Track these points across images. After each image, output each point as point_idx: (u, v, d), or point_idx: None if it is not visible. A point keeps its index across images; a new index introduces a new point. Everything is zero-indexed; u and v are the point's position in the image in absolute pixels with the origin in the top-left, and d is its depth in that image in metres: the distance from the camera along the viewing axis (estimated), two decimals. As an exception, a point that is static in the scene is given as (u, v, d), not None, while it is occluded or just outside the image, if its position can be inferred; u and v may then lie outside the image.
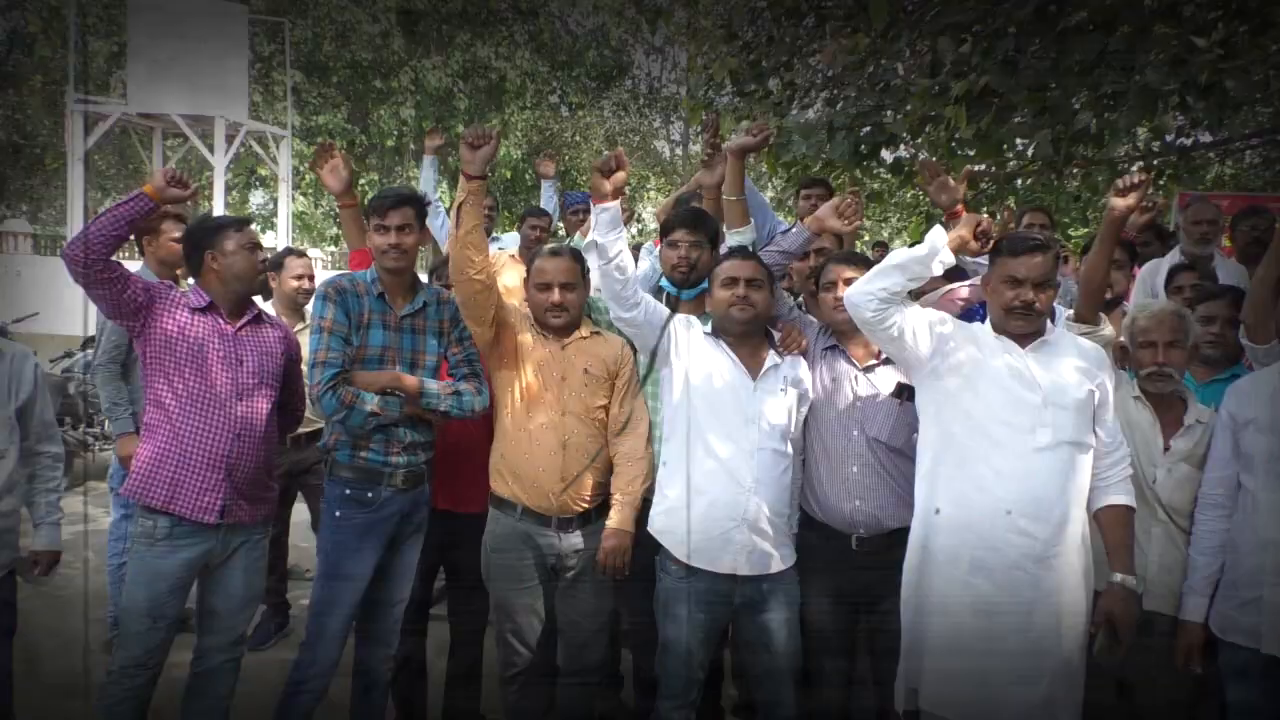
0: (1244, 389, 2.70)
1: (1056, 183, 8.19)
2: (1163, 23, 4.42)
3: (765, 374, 2.87)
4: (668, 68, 22.22)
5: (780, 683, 2.83)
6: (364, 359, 2.93)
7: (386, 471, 2.96)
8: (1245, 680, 2.57)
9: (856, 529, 2.79)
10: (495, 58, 18.79)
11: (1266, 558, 2.50)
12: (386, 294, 2.99)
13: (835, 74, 5.83)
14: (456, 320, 3.10)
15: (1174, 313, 2.89)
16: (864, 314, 2.61)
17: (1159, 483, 2.79)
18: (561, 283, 3.03)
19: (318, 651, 2.95)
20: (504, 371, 3.06)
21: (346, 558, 2.95)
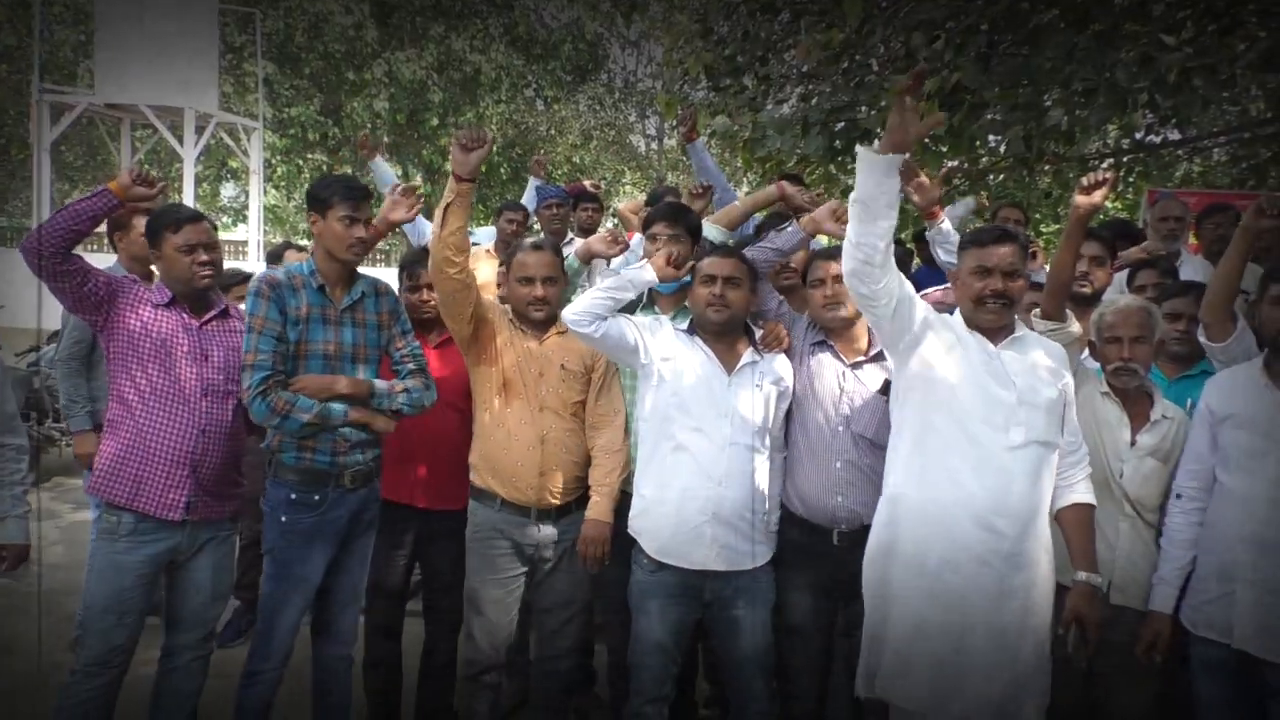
0: (1223, 384, 2.71)
1: (1028, 179, 8.25)
2: (1132, 21, 4.48)
3: (741, 369, 2.87)
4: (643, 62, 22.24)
5: (750, 679, 2.84)
6: (308, 355, 2.85)
7: (334, 473, 2.89)
8: (1216, 675, 2.59)
9: (838, 524, 2.80)
10: (470, 50, 18.65)
11: (1240, 553, 2.52)
12: (327, 286, 2.91)
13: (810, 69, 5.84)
14: (397, 313, 3.06)
15: (1140, 308, 2.91)
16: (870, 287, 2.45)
17: (1126, 477, 2.82)
18: (544, 276, 3.03)
19: (270, 647, 2.90)
20: (482, 368, 3.06)
21: (295, 562, 2.89)
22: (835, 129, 5.52)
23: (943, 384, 2.55)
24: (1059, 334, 2.80)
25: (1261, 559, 2.48)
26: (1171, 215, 4.60)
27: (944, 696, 2.48)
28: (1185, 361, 3.19)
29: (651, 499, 2.86)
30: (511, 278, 3.09)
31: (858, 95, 5.46)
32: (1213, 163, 11.91)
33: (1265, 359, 2.63)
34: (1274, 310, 2.56)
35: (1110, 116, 4.84)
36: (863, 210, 2.38)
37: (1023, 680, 2.48)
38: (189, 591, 2.90)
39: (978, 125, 5.18)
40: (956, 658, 2.46)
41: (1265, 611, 2.46)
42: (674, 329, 2.96)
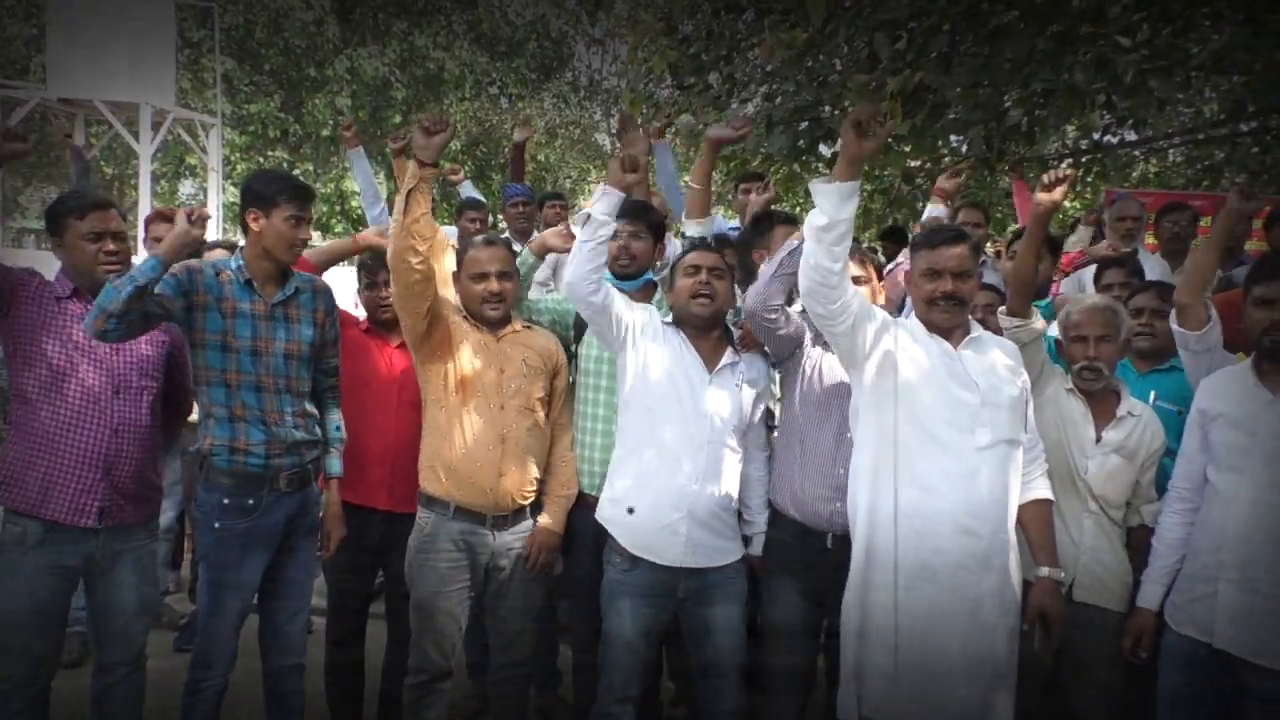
0: (1214, 384, 2.71)
1: (990, 178, 8.34)
2: (1089, 23, 4.52)
3: (721, 369, 2.86)
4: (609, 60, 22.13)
5: (722, 677, 2.83)
6: (237, 350, 2.75)
7: (269, 475, 2.79)
8: (1187, 672, 2.59)
9: (835, 528, 2.75)
10: (433, 47, 18.52)
11: (1225, 552, 2.52)
12: (255, 281, 2.81)
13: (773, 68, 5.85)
14: (333, 314, 2.99)
15: (1106, 308, 2.93)
16: (828, 306, 2.48)
17: (1090, 474, 2.84)
18: (498, 272, 2.97)
19: (210, 656, 2.82)
20: (436, 365, 2.97)
21: (230, 568, 2.78)
22: (799, 128, 5.54)
23: (905, 391, 2.55)
24: (1023, 330, 2.83)
25: (1246, 558, 2.47)
26: (1129, 215, 4.68)
27: (929, 706, 2.48)
28: (1156, 356, 3.22)
29: (626, 493, 2.83)
30: (464, 275, 3.02)
31: (821, 94, 5.48)
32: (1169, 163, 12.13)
33: (1253, 359, 2.63)
34: (1258, 311, 2.56)
35: (1068, 117, 4.91)
36: (820, 234, 2.40)
37: (996, 680, 2.51)
38: (113, 609, 2.78)
39: (939, 125, 5.22)
40: (938, 665, 2.46)
41: (1248, 612, 2.45)
42: (662, 320, 2.92)
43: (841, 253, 2.43)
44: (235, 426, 2.76)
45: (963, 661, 2.46)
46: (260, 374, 2.78)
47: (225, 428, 2.76)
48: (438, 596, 2.94)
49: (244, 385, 2.76)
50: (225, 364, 2.75)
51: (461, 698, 3.68)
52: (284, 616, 2.95)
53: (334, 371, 3.05)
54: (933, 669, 2.46)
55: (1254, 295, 2.58)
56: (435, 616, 2.95)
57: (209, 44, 17.30)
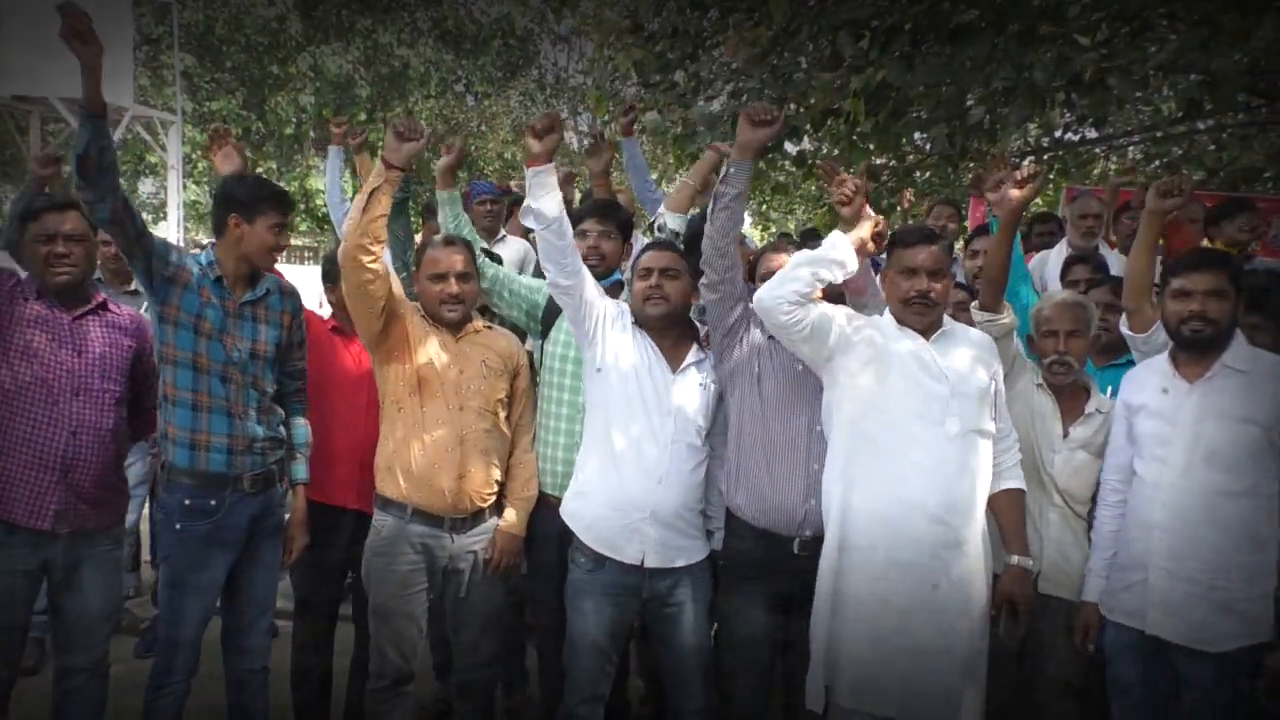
0: (1136, 376, 2.79)
1: (953, 176, 8.42)
2: (1049, 23, 4.57)
3: (686, 367, 2.86)
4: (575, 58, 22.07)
5: (689, 674, 2.82)
6: (209, 335, 2.73)
7: (231, 476, 2.76)
8: (1129, 658, 2.67)
9: (803, 531, 2.69)
10: (398, 45, 18.35)
11: (1152, 541, 2.59)
12: (225, 280, 2.80)
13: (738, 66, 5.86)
14: (299, 317, 2.97)
15: (1076, 303, 2.99)
16: (778, 318, 2.58)
17: (1056, 469, 2.88)
18: (457, 273, 2.94)
19: (173, 660, 2.78)
20: (394, 365, 2.93)
21: (191, 570, 2.75)
22: (764, 126, 5.54)
23: (871, 390, 2.58)
24: (994, 325, 2.86)
25: (1172, 546, 2.55)
26: (1090, 213, 4.75)
27: (899, 694, 2.51)
28: (1111, 351, 3.28)
29: (590, 492, 2.82)
30: (422, 275, 2.98)
31: (786, 92, 5.49)
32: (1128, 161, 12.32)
33: (1170, 350, 2.71)
34: (1175, 304, 2.63)
35: (1029, 115, 4.96)
36: (808, 273, 2.56)
37: (965, 668, 2.54)
38: (75, 615, 2.75)
39: (903, 123, 5.26)
40: (908, 653, 2.50)
41: (1174, 597, 2.53)
42: (626, 324, 2.90)
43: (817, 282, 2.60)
44: (198, 415, 2.72)
45: (934, 648, 2.50)
46: (229, 365, 2.76)
47: (188, 415, 2.72)
48: (396, 600, 2.90)
49: (213, 372, 2.73)
50: (196, 346, 2.72)
51: (429, 699, 3.66)
52: (247, 619, 2.92)
53: (299, 375, 3.02)
54: (905, 655, 2.50)
55: (1172, 288, 2.65)
56: (395, 620, 2.92)
57: (168, 40, 17.04)
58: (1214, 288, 2.57)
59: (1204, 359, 2.60)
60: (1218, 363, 2.58)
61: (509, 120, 20.70)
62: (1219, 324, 2.56)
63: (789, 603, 2.74)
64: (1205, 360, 2.60)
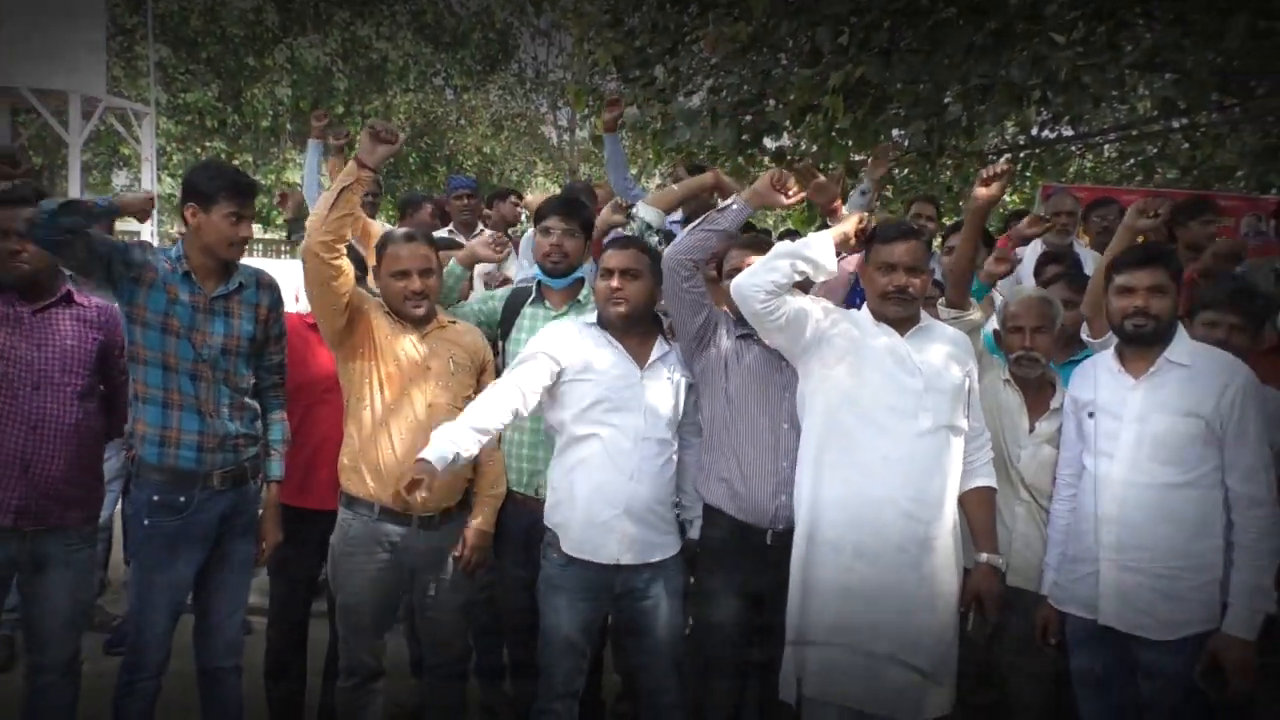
0: (1084, 372, 2.83)
1: (931, 173, 8.46)
2: (1026, 21, 4.60)
3: (653, 363, 2.84)
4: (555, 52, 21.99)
5: (662, 669, 2.82)
6: (177, 334, 2.67)
7: (201, 472, 2.71)
8: (1086, 648, 2.71)
9: (776, 524, 2.72)
10: (376, 37, 18.23)
11: (1102, 533, 2.63)
12: (195, 274, 2.72)
13: (718, 62, 5.86)
14: (278, 309, 2.91)
15: (1042, 299, 3.02)
16: (754, 306, 2.60)
17: (1023, 464, 2.91)
18: (420, 269, 2.89)
19: (142, 658, 2.74)
20: (358, 363, 2.88)
21: (160, 568, 2.70)
22: (743, 121, 5.56)
23: (846, 382, 2.60)
24: (961, 321, 2.88)
25: (1121, 538, 2.60)
26: (1064, 210, 4.79)
27: (868, 687, 2.52)
28: (1071, 346, 3.32)
29: (564, 494, 2.81)
30: (384, 271, 2.92)
31: (765, 88, 5.50)
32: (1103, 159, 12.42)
33: (1116, 346, 2.75)
34: (1119, 300, 2.67)
35: (1006, 113, 5.00)
36: (787, 265, 2.58)
37: (934, 662, 2.55)
38: (45, 613, 2.71)
39: (881, 120, 5.28)
40: (879, 648, 2.51)
41: (1125, 588, 2.58)
42: (579, 329, 2.88)
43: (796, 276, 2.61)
44: (168, 413, 2.67)
45: (902, 642, 2.51)
46: (198, 362, 2.70)
47: (158, 412, 2.67)
48: (365, 599, 2.88)
49: (182, 370, 2.68)
50: (165, 345, 2.66)
51: (405, 695, 3.65)
52: (219, 617, 2.88)
53: (277, 369, 2.96)
54: (872, 649, 2.51)
55: (1116, 284, 2.69)
56: (363, 619, 2.90)
57: (142, 31, 16.83)
58: (1156, 284, 2.61)
59: (1148, 354, 2.65)
60: (1161, 358, 2.63)
61: (488, 114, 20.62)
62: (1161, 319, 2.62)
63: (764, 594, 2.76)
64: (1149, 355, 2.64)
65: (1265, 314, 3.03)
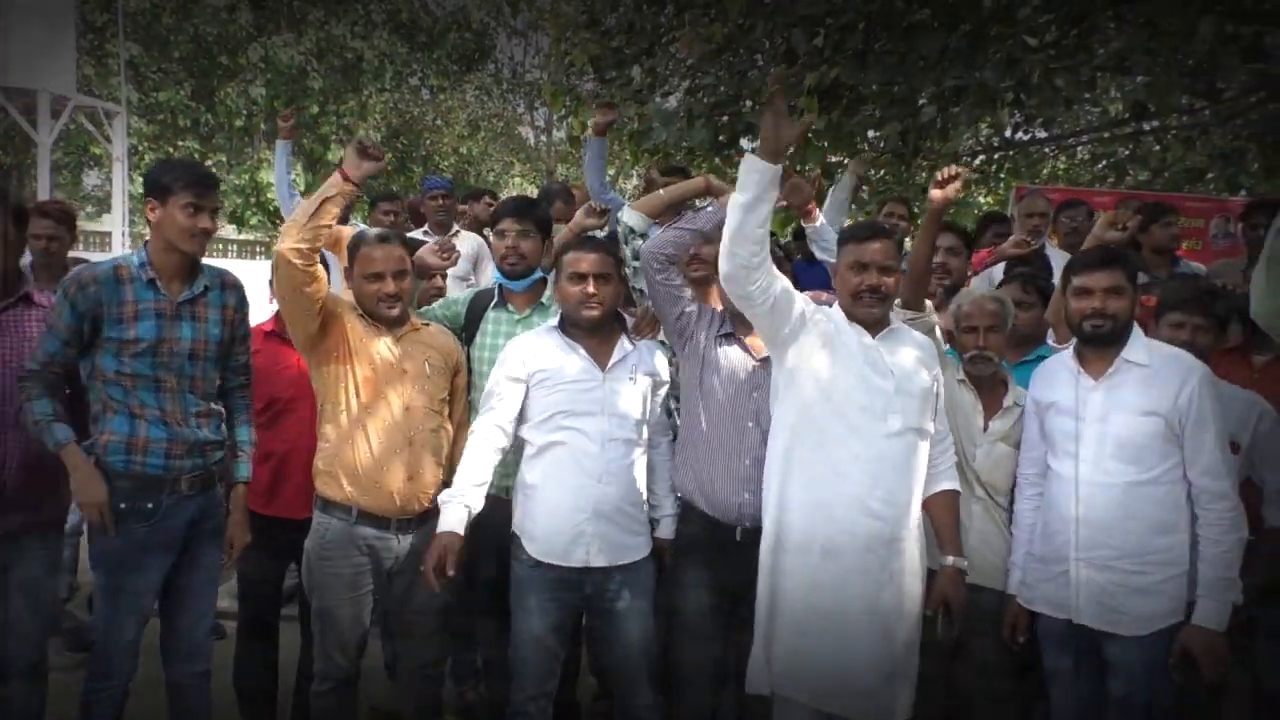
0: (1044, 373, 2.87)
1: (906, 174, 8.51)
2: (999, 24, 4.63)
3: (615, 365, 2.84)
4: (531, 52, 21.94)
5: (634, 672, 2.82)
6: (135, 353, 2.63)
7: (169, 478, 2.68)
8: (1057, 647, 2.74)
9: (743, 521, 2.76)
10: (351, 37, 18.10)
11: (1069, 533, 2.67)
12: (160, 279, 2.69)
13: (694, 63, 5.86)
14: (244, 311, 2.88)
15: (994, 299, 3.05)
16: (745, 288, 2.50)
17: (978, 461, 2.95)
18: (393, 271, 2.87)
19: (108, 665, 2.70)
20: (333, 366, 2.86)
21: (127, 575, 2.67)
22: (720, 122, 5.56)
23: (822, 375, 2.59)
24: (918, 323, 2.89)
25: (1087, 538, 2.63)
26: (1036, 211, 4.85)
27: (834, 686, 2.53)
28: (1021, 346, 3.36)
29: (531, 500, 2.81)
30: (357, 274, 2.91)
31: (741, 89, 5.50)
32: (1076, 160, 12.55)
33: (1075, 347, 2.79)
34: (1076, 301, 2.71)
35: (980, 115, 5.03)
36: (743, 214, 2.41)
37: (899, 664, 2.56)
38: (7, 620, 2.67)
39: (856, 121, 5.30)
40: (843, 647, 2.52)
41: (1095, 586, 2.62)
42: (537, 335, 2.88)
43: (762, 235, 2.45)
44: (135, 423, 2.65)
45: (867, 641, 2.53)
46: (159, 374, 2.67)
47: (124, 422, 2.64)
48: (341, 603, 2.86)
49: (141, 387, 2.65)
50: (120, 367, 2.63)
51: (380, 697, 3.62)
52: (187, 623, 2.84)
53: (243, 369, 2.93)
54: (838, 647, 2.52)
55: (1073, 286, 2.73)
56: (339, 623, 2.87)
57: (113, 29, 16.63)
58: (1112, 285, 2.66)
59: (1106, 355, 2.69)
60: (1119, 358, 2.67)
61: (465, 114, 20.54)
62: (1118, 319, 2.66)
63: (737, 591, 2.76)
64: (1107, 356, 2.69)
65: (1228, 315, 3.08)
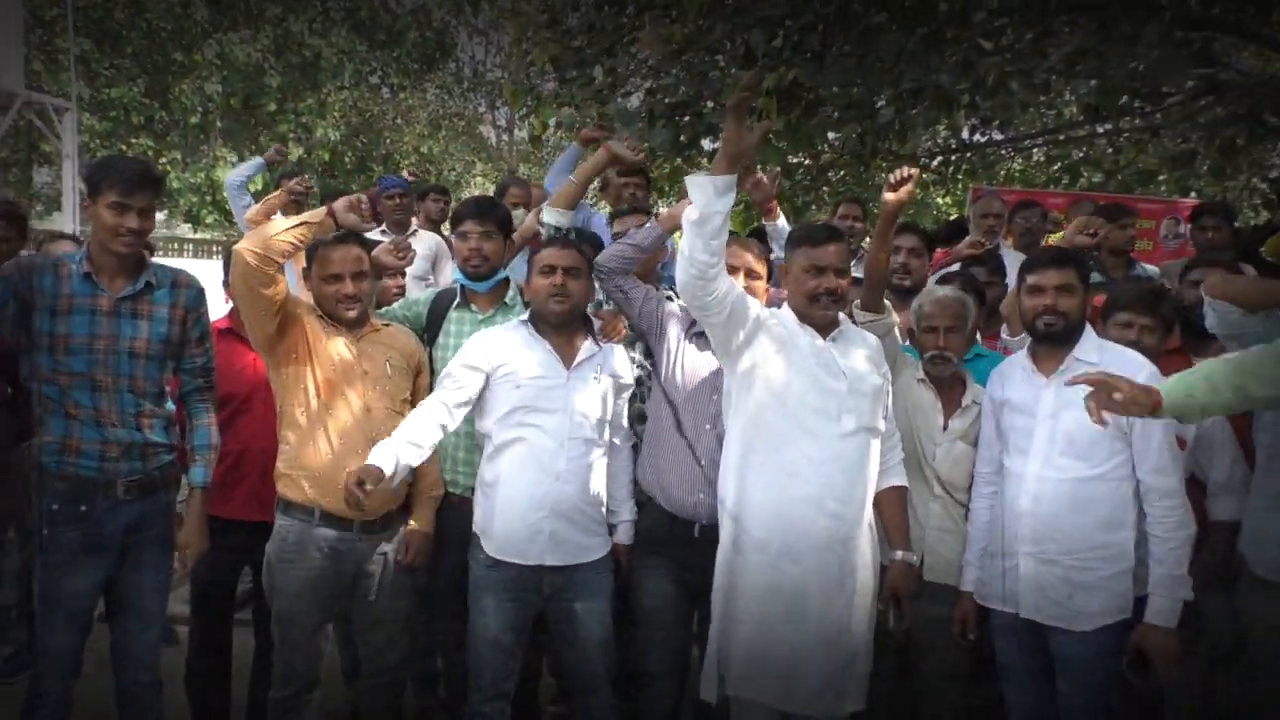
0: (1001, 372, 2.92)
1: (865, 175, 8.58)
2: (955, 27, 4.68)
3: (580, 364, 2.85)
4: (493, 51, 21.84)
5: (593, 672, 2.83)
6: (69, 349, 2.58)
7: (103, 481, 2.62)
8: (1008, 642, 2.79)
9: (700, 519, 2.81)
10: (309, 34, 17.87)
11: (1019, 528, 2.72)
12: (96, 274, 2.62)
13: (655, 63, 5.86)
14: (198, 310, 2.82)
15: (956, 299, 3.08)
16: (702, 299, 2.51)
17: (937, 460, 2.98)
18: (352, 272, 2.85)
19: (47, 672, 2.64)
20: (293, 368, 2.83)
21: (64, 580, 2.61)
22: (681, 122, 5.57)
23: (776, 379, 2.61)
24: (878, 324, 2.92)
25: (1036, 532, 2.68)
26: (991, 212, 4.92)
27: (792, 685, 2.55)
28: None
29: (490, 497, 2.81)
30: (316, 275, 2.89)
31: (702, 90, 5.51)
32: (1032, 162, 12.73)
33: (1029, 346, 2.84)
34: (1030, 299, 2.77)
35: (937, 116, 5.08)
36: (699, 227, 2.41)
37: (853, 659, 2.60)
38: None
39: (815, 122, 5.33)
40: (801, 645, 2.54)
41: (1042, 581, 2.67)
42: (505, 330, 2.89)
43: (718, 246, 2.45)
44: (69, 424, 2.59)
45: (823, 639, 2.56)
46: (96, 373, 2.61)
47: (60, 423, 2.59)
48: (303, 606, 2.82)
49: (76, 386, 2.59)
50: (55, 365, 2.57)
51: (338, 703, 3.58)
52: (133, 631, 2.77)
53: (201, 371, 2.86)
54: (797, 646, 2.54)
55: (1027, 283, 2.80)
56: (301, 627, 2.84)
57: (62, 24, 16.26)
58: (1064, 283, 2.72)
59: (1058, 353, 2.75)
60: (1070, 356, 2.73)
61: (425, 113, 20.38)
62: (1069, 317, 2.72)
63: (697, 585, 2.78)
64: (1059, 354, 2.75)
65: (1174, 315, 3.15)
